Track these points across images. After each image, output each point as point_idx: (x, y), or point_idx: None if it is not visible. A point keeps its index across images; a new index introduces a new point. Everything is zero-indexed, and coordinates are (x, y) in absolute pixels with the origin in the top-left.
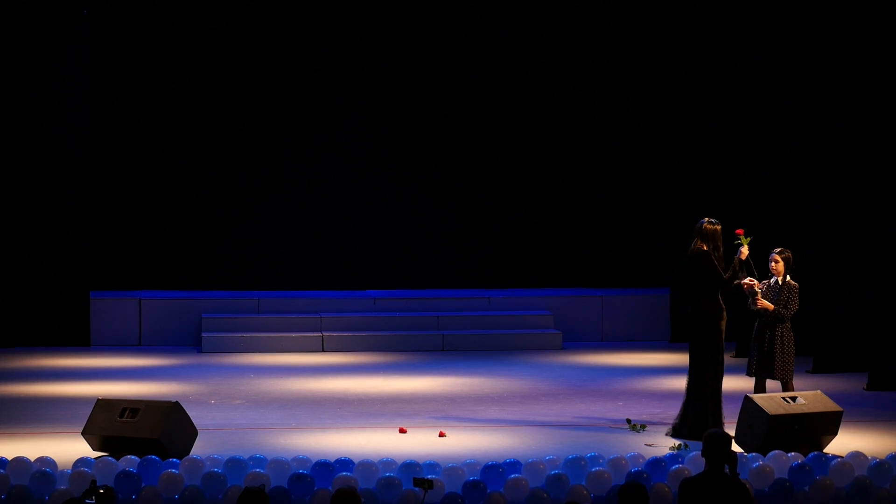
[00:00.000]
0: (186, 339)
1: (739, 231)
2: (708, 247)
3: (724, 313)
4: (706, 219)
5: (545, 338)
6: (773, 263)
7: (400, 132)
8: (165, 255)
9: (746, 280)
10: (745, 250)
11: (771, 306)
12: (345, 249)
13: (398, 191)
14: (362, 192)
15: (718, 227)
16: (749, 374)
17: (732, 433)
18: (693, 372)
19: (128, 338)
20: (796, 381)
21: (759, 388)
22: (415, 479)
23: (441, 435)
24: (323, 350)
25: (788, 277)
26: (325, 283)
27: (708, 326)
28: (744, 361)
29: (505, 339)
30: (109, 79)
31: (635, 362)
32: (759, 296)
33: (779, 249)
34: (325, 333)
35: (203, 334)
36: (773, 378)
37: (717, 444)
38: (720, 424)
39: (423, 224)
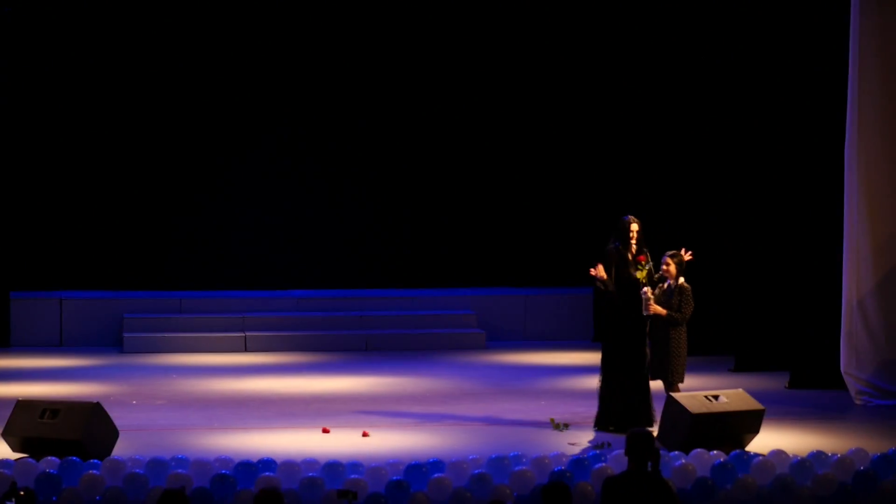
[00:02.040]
0: (108, 340)
1: (641, 258)
2: (617, 242)
3: (641, 307)
4: (627, 215)
5: (469, 337)
6: (664, 266)
7: (322, 131)
8: (86, 254)
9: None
10: (639, 275)
11: (663, 311)
12: (267, 249)
13: (321, 190)
14: (284, 191)
15: (632, 224)
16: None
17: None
18: (605, 365)
19: (48, 338)
20: (717, 380)
21: (666, 388)
22: (338, 491)
23: (364, 435)
24: (246, 350)
25: (682, 280)
26: (247, 282)
27: (619, 319)
28: None
29: (428, 338)
30: (26, 77)
31: (558, 361)
32: (653, 301)
33: (671, 252)
34: (248, 333)
35: (125, 334)
36: (663, 380)
37: (639, 443)
38: (652, 420)
39: (346, 223)
